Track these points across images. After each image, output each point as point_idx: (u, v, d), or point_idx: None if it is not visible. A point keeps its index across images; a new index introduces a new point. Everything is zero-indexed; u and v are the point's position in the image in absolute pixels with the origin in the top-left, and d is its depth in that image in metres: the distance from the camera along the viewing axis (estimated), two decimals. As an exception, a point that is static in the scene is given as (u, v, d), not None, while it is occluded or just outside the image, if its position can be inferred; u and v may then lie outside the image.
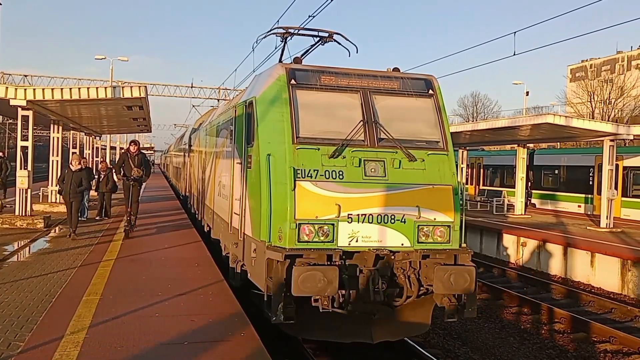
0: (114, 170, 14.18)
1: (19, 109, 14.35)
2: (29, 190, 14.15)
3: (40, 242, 11.84)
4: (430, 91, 7.95)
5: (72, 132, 25.91)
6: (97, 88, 14.70)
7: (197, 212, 15.63)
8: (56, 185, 17.74)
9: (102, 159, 22.62)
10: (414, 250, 7.04)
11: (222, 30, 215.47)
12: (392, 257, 6.99)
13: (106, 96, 14.25)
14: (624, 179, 22.14)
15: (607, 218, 18.28)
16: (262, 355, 5.41)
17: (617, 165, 19.70)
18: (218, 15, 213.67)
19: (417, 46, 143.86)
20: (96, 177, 17.26)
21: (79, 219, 13.12)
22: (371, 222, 6.97)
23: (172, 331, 6.00)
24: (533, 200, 27.75)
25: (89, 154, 29.89)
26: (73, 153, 20.76)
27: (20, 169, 14.60)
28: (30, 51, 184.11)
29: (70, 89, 14.22)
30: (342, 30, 8.98)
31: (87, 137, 30.13)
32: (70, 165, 12.63)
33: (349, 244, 6.90)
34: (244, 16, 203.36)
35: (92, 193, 17.44)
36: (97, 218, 15.99)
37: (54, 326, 6.01)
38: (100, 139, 39.78)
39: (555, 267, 16.23)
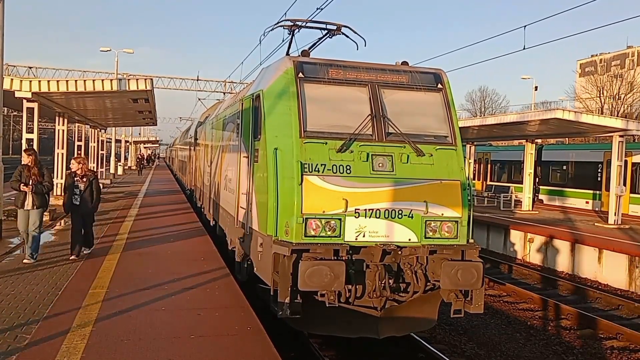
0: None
1: (24, 101, 14.32)
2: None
3: (46, 235, 11.85)
4: (439, 85, 7.87)
5: (77, 124, 25.95)
6: (102, 80, 14.68)
7: (202, 206, 15.62)
8: (61, 179, 17.78)
9: (78, 157, 10.51)
10: (421, 246, 6.99)
11: (228, 22, 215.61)
12: (399, 253, 6.95)
13: (112, 89, 14.24)
14: (632, 175, 21.97)
15: (615, 214, 18.14)
16: (269, 350, 5.38)
17: (626, 162, 19.53)
18: (224, 7, 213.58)
19: (425, 40, 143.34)
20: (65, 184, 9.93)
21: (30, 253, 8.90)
22: (378, 217, 6.92)
23: (179, 325, 5.99)
24: (541, 196, 27.59)
25: (94, 146, 30.02)
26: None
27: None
28: (35, 43, 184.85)
29: (76, 81, 14.21)
30: (350, 23, 8.88)
31: (93, 130, 30.23)
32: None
33: (356, 239, 6.86)
34: (251, 8, 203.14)
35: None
36: (71, 258, 9.29)
37: (61, 319, 6.02)
38: (105, 132, 39.93)
39: (562, 264, 16.13)
